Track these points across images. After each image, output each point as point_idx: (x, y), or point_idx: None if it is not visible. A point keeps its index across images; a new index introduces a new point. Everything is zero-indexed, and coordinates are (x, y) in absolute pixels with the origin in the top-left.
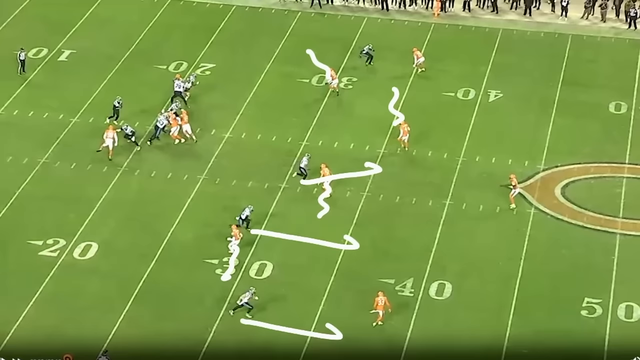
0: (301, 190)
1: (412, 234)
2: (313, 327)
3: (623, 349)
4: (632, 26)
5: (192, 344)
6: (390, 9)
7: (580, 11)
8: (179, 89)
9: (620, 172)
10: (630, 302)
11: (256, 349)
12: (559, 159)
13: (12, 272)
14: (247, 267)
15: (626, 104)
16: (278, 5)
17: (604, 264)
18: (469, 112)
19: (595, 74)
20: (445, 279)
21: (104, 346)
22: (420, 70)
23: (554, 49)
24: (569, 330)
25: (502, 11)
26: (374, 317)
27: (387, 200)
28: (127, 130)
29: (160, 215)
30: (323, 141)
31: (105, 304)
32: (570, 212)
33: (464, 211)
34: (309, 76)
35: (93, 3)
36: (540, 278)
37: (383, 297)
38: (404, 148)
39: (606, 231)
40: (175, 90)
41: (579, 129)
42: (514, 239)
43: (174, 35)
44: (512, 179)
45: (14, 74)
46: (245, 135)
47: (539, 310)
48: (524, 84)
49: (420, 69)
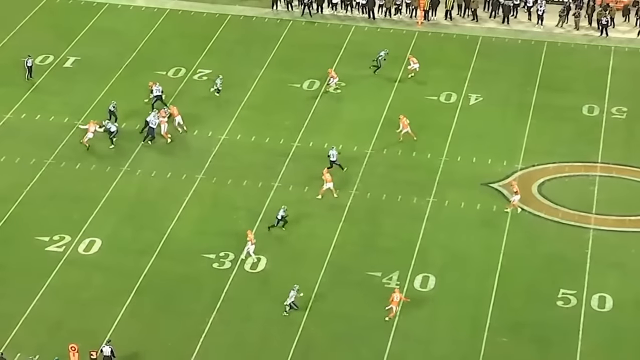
0: (293, 188)
1: (398, 229)
2: (304, 319)
3: (596, 337)
4: (603, 34)
5: (190, 334)
6: (376, 18)
7: (555, 20)
8: (158, 93)
9: (593, 170)
10: (603, 293)
11: (250, 338)
12: (536, 159)
13: (21, 267)
14: (243, 262)
15: (598, 107)
16: (270, 15)
17: (578, 258)
18: (451, 114)
19: (569, 78)
20: (429, 272)
21: (108, 336)
22: (411, 75)
23: (530, 55)
24: (546, 320)
25: (482, 20)
26: (377, 310)
27: (374, 198)
28: (111, 127)
29: (160, 213)
30: (313, 142)
31: (109, 297)
32: (547, 208)
33: (446, 208)
34: (300, 81)
35: (96, 13)
36: (518, 271)
37: (399, 293)
38: (413, 138)
39: (580, 226)
40: (155, 95)
41: (554, 131)
42: (494, 234)
43: (173, 43)
44: (513, 185)
45: (21, 79)
46: (240, 137)
47: (517, 301)
48: (502, 88)
49: (411, 74)
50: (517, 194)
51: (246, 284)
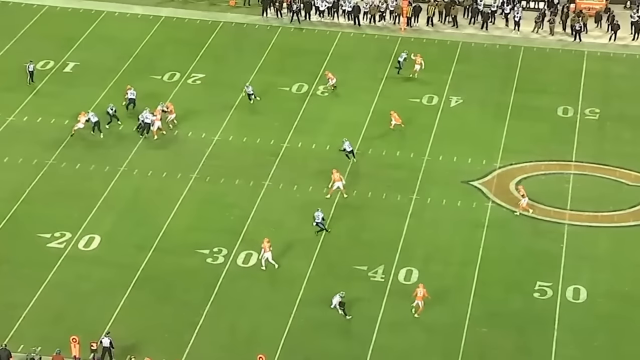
0: (283, 186)
1: (383, 225)
2: (294, 310)
3: (571, 327)
4: (577, 39)
5: (185, 325)
6: (361, 24)
7: (531, 26)
8: (132, 97)
9: (567, 169)
10: (577, 284)
11: (243, 328)
12: (514, 158)
13: (24, 262)
14: (235, 256)
15: (572, 108)
16: (261, 22)
17: (553, 251)
18: (433, 116)
19: (544, 81)
20: (413, 266)
21: (107, 328)
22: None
23: (508, 59)
24: (523, 311)
25: (462, 26)
26: (362, 301)
27: (360, 196)
28: (91, 118)
29: (156, 210)
30: (302, 143)
31: (108, 290)
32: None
33: (428, 205)
34: (289, 85)
35: (95, 20)
36: (497, 264)
37: (422, 288)
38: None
39: (555, 222)
40: (129, 98)
41: (530, 131)
42: (474, 230)
43: (168, 49)
44: (520, 189)
45: (23, 84)
46: (232, 138)
47: (496, 293)
48: (482, 91)
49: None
50: (524, 197)
51: (238, 278)
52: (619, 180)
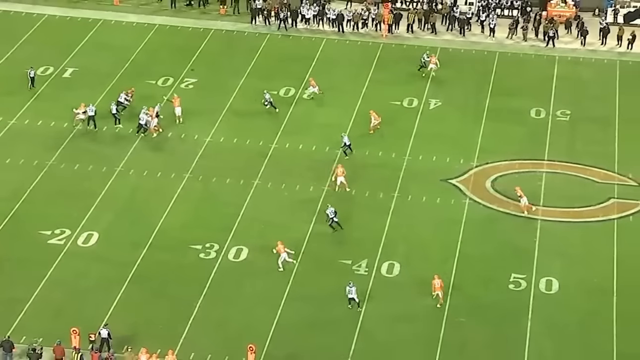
0: (272, 185)
1: (366, 221)
2: (282, 303)
3: (544, 317)
4: (549, 44)
5: (180, 318)
6: (345, 31)
7: (505, 32)
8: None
9: (540, 167)
10: (549, 277)
11: (234, 320)
12: (489, 157)
13: (26, 258)
14: (227, 252)
15: (545, 110)
16: (250, 29)
17: (527, 245)
18: (413, 118)
19: (518, 85)
20: (394, 260)
21: (105, 320)
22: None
23: (484, 64)
24: (499, 301)
25: (440, 32)
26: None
27: (344, 193)
28: (91, 111)
29: (151, 208)
30: (289, 144)
31: (105, 285)
32: (499, 201)
33: (409, 202)
34: (277, 89)
35: (92, 28)
36: (474, 258)
37: (438, 279)
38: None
39: (529, 217)
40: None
41: (505, 132)
42: (452, 225)
43: (162, 55)
44: (517, 190)
45: (25, 89)
46: (224, 140)
47: (473, 285)
48: (459, 94)
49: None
50: (522, 197)
51: (230, 272)
52: (589, 178)
